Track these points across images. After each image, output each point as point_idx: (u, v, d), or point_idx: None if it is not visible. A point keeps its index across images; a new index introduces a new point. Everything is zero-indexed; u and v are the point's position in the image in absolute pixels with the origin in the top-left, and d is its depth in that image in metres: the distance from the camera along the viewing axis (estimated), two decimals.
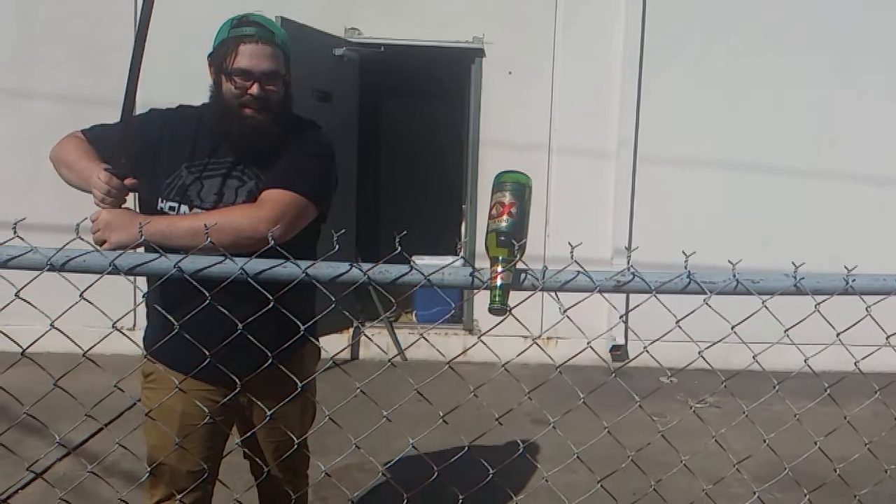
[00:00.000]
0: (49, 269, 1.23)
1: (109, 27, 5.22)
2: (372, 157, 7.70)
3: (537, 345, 1.52)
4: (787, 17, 5.58)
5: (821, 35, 5.60)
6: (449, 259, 6.00)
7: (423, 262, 5.79)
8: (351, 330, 5.62)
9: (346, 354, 5.67)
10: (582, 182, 5.64)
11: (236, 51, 1.82)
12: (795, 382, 1.70)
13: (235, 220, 1.72)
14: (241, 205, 1.84)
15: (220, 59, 1.85)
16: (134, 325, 4.89)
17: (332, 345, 5.16)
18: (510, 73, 5.60)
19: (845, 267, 1.41)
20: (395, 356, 5.47)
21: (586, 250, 1.33)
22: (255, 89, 1.83)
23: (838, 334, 1.53)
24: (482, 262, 1.33)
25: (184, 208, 1.87)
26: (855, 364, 1.65)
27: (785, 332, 1.48)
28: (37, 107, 5.27)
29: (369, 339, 5.57)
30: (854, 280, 1.40)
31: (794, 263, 1.39)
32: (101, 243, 1.68)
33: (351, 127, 5.68)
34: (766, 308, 1.39)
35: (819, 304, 1.42)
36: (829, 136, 5.68)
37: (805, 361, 1.60)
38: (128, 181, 1.73)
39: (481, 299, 5.25)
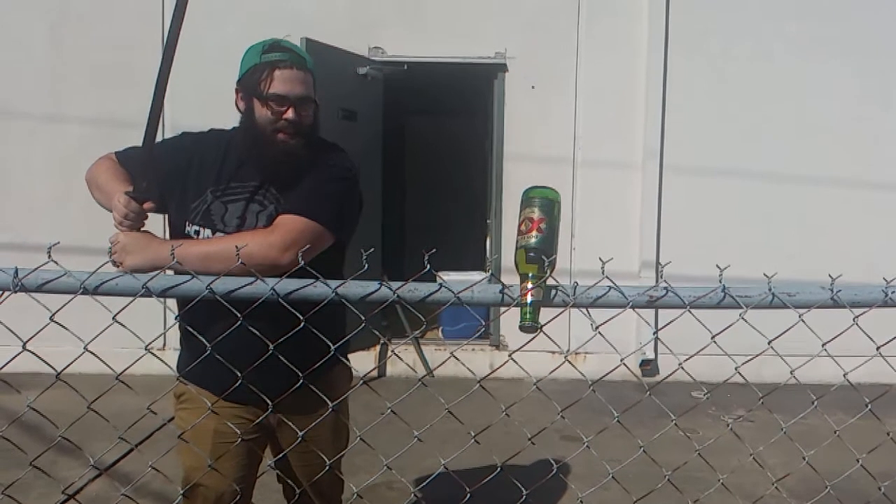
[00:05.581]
0: (82, 293, 1.24)
1: (136, 51, 5.32)
2: (397, 174, 7.73)
3: (569, 362, 1.50)
4: (810, 24, 5.52)
5: (846, 40, 5.53)
6: (475, 274, 5.98)
7: (450, 277, 5.82)
8: (378, 347, 5.62)
9: (374, 372, 5.67)
10: (608, 194, 5.61)
11: (271, 76, 1.83)
12: (829, 394, 1.66)
13: (246, 247, 1.72)
14: (254, 230, 1.83)
15: (253, 84, 1.85)
16: (164, 346, 4.93)
17: (360, 362, 5.16)
18: (533, 87, 5.60)
19: (884, 279, 1.37)
20: (425, 376, 5.45)
21: (614, 263, 1.31)
22: (290, 114, 1.84)
23: (878, 348, 1.50)
24: (509, 278, 1.32)
25: (207, 232, 1.87)
26: None
27: (822, 346, 1.44)
28: (67, 130, 5.37)
29: (399, 357, 5.56)
30: (894, 292, 1.37)
31: (830, 276, 1.36)
32: (118, 265, 1.70)
33: (376, 145, 5.72)
34: (803, 322, 1.36)
35: (857, 317, 1.39)
36: (858, 142, 5.59)
37: (844, 376, 1.56)
38: (146, 205, 1.74)
39: (508, 314, 5.23)
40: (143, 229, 1.77)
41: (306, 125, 1.88)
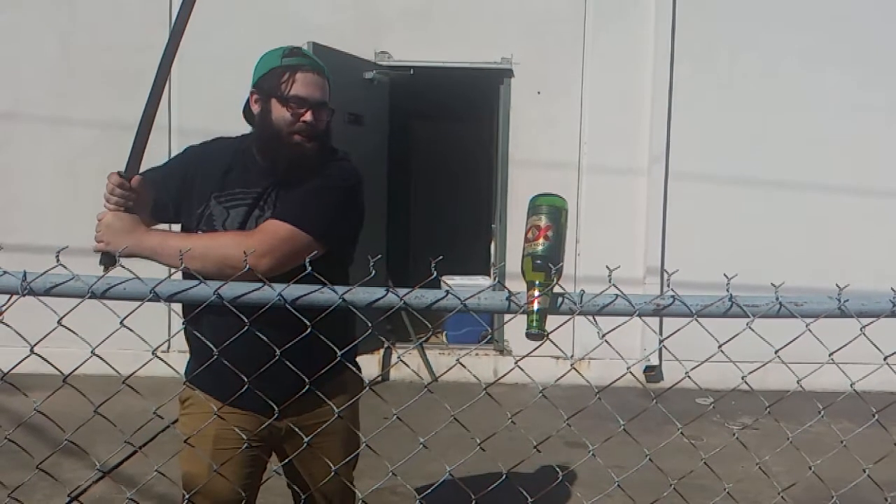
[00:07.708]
0: (90, 297, 1.24)
1: (144, 55, 5.29)
2: (402, 178, 7.74)
3: (574, 369, 1.50)
4: (815, 34, 5.52)
5: (850, 51, 5.52)
6: (479, 279, 5.98)
7: (454, 281, 5.80)
8: (382, 350, 5.62)
9: (377, 374, 5.67)
10: (613, 200, 5.61)
11: (293, 78, 1.85)
12: (835, 403, 1.66)
13: (223, 247, 1.71)
14: (235, 232, 1.84)
15: (273, 86, 1.86)
16: (168, 348, 4.93)
17: (363, 366, 5.14)
18: (539, 92, 5.60)
19: (892, 289, 1.36)
20: (431, 383, 5.44)
21: (618, 270, 1.31)
22: (308, 117, 1.85)
23: (885, 357, 1.49)
24: (513, 283, 1.32)
25: None
26: None
27: (829, 356, 1.44)
28: (75, 133, 5.39)
29: (405, 364, 5.55)
30: None
31: (838, 285, 1.36)
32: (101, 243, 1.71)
33: (381, 149, 5.72)
34: (810, 331, 1.35)
35: (865, 326, 1.38)
36: (863, 151, 5.57)
37: (851, 386, 1.56)
38: (134, 181, 1.73)
39: (512, 319, 5.22)
40: (132, 214, 1.76)
41: (321, 130, 1.90)
